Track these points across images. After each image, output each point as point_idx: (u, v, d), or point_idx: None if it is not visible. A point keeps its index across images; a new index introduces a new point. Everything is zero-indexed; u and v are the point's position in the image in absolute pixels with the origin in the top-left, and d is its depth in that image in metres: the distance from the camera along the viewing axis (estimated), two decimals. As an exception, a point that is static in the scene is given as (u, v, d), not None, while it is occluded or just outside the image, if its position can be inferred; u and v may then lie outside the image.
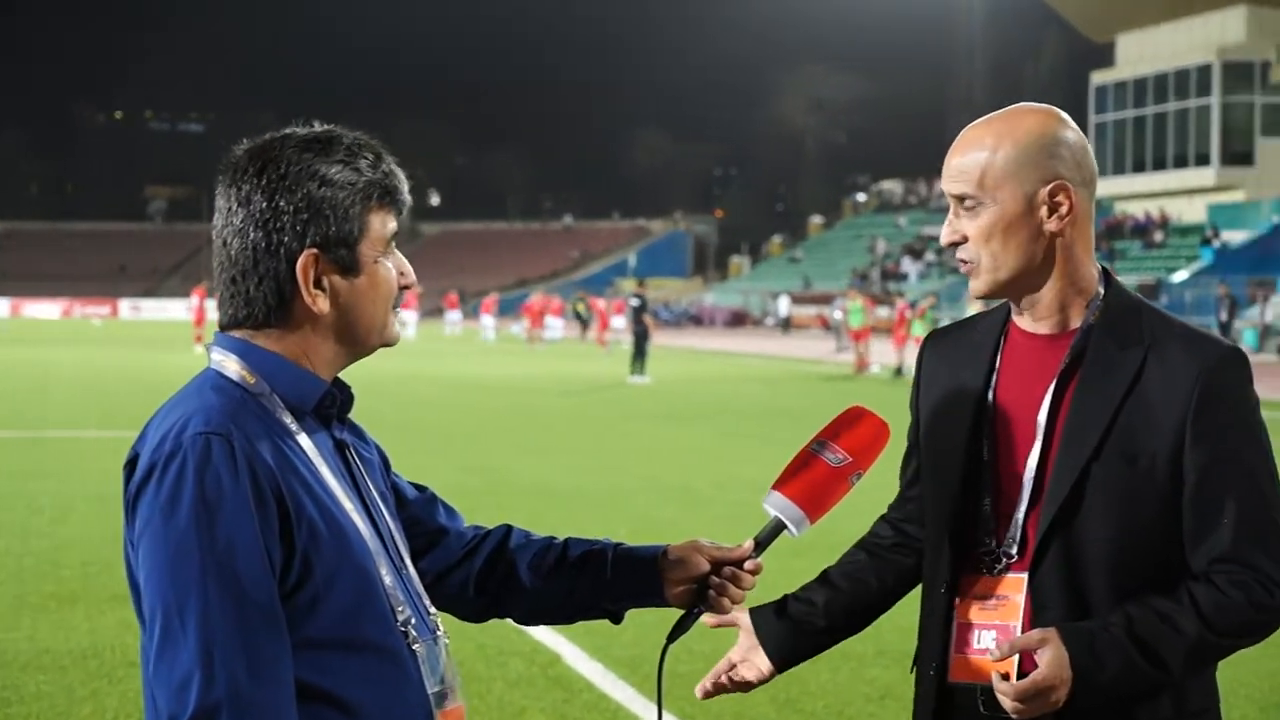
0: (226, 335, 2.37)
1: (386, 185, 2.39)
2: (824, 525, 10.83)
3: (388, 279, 2.39)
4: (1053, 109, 2.78)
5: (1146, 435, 2.64)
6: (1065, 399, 2.72)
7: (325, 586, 2.24)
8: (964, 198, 2.73)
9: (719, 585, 2.68)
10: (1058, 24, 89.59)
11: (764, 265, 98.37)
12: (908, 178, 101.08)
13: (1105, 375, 2.70)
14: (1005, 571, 2.74)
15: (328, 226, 2.31)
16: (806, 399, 28.42)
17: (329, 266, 2.32)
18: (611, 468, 16.73)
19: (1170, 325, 2.74)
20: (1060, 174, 2.71)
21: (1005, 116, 2.77)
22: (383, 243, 2.38)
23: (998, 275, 2.73)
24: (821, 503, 2.67)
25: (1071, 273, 2.75)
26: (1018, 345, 2.82)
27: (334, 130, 2.41)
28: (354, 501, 2.36)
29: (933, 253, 78.88)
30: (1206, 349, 2.68)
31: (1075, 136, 2.74)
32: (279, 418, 2.31)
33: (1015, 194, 2.69)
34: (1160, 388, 2.65)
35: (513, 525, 2.81)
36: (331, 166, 2.33)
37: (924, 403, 2.96)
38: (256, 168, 2.32)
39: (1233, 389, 2.67)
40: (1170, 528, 2.66)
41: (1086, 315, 2.76)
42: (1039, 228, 2.71)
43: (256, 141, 2.38)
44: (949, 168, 2.77)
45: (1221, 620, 2.60)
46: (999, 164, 2.70)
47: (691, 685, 7.50)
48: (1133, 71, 69.33)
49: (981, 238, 2.72)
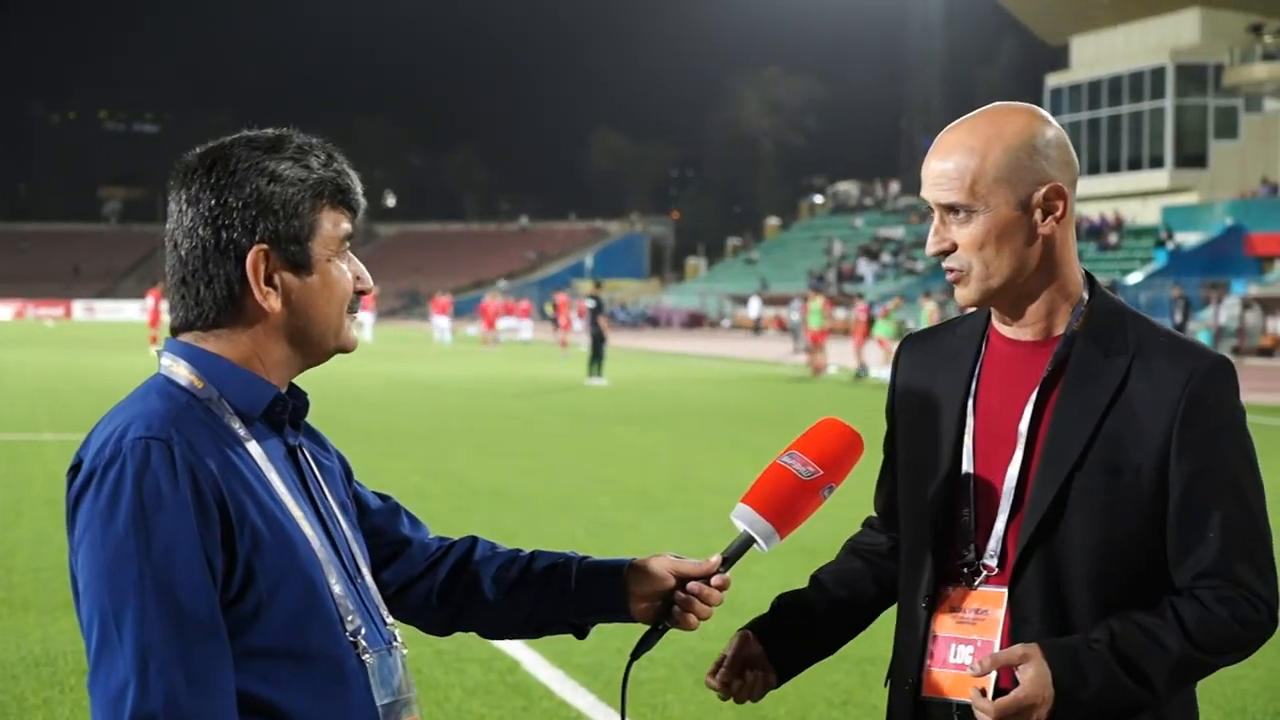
0: (176, 340, 2.33)
1: (338, 184, 2.35)
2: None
3: (341, 280, 2.35)
4: (1033, 107, 2.70)
5: (1131, 445, 2.58)
6: (1048, 407, 2.65)
7: (269, 595, 2.20)
8: (953, 206, 2.63)
9: (685, 601, 2.63)
10: (1013, 26, 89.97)
11: (721, 267, 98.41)
12: (864, 179, 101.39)
13: (1089, 383, 2.63)
14: (984, 584, 2.67)
15: (277, 222, 2.27)
16: (765, 401, 28.41)
17: (280, 263, 2.29)
18: (570, 470, 16.65)
19: (1156, 332, 2.67)
20: (1052, 175, 2.63)
21: (988, 118, 2.67)
22: (335, 243, 2.34)
23: (990, 283, 2.64)
24: (792, 517, 2.59)
25: (1059, 277, 2.68)
26: (999, 352, 2.75)
27: (286, 131, 2.38)
28: (305, 509, 2.31)
29: (889, 254, 79.09)
30: (1193, 358, 2.61)
31: (1059, 134, 2.67)
32: (227, 423, 2.27)
33: (1008, 199, 2.61)
34: (1145, 397, 2.59)
35: (478, 537, 2.76)
36: (281, 163, 2.30)
37: (901, 409, 2.88)
38: (206, 166, 2.30)
39: (1220, 399, 2.60)
40: (1153, 539, 2.59)
41: (1070, 321, 2.68)
42: (1033, 232, 2.63)
43: (208, 144, 2.36)
44: (932, 174, 2.66)
45: (1206, 637, 2.53)
46: (990, 169, 2.61)
47: (651, 692, 7.46)
48: (1087, 74, 69.70)
49: (973, 246, 2.63)
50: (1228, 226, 58.43)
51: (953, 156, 2.64)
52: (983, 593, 2.66)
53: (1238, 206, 59.99)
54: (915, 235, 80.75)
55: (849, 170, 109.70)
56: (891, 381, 2.94)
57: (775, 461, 2.62)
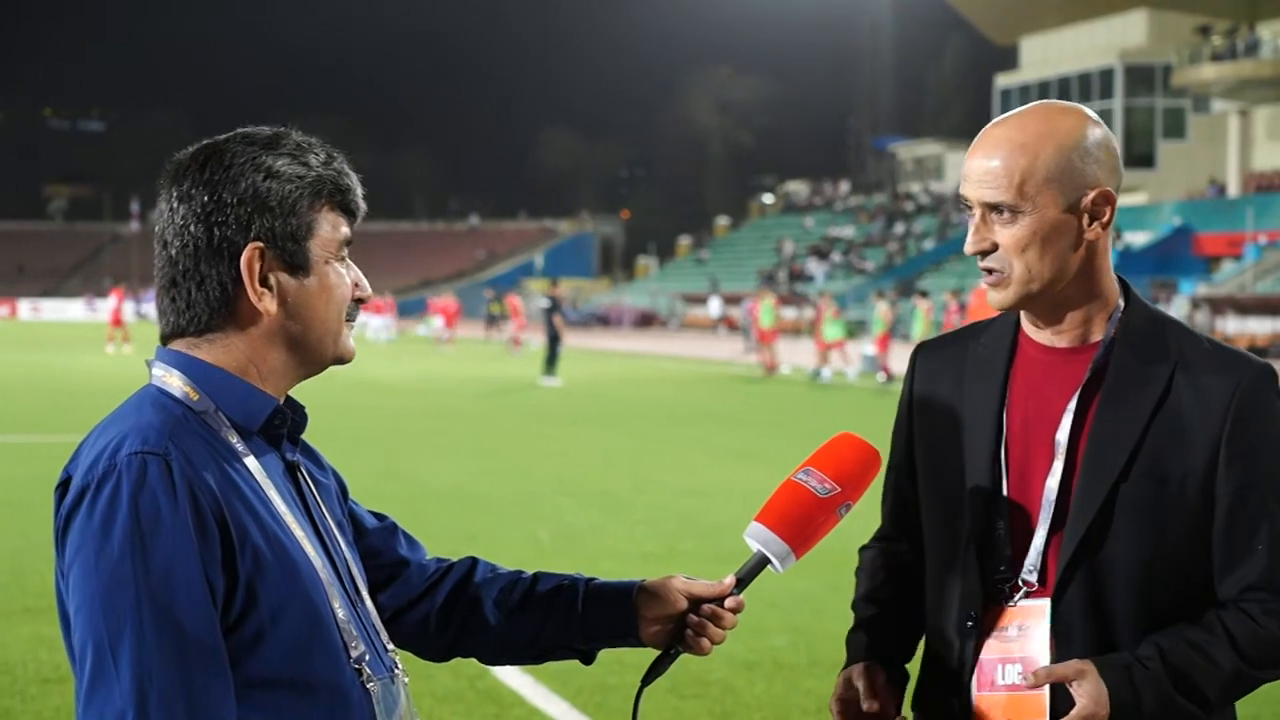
0: (167, 349, 2.21)
1: (338, 184, 2.24)
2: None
3: (340, 285, 2.24)
4: (1082, 107, 2.61)
5: (1177, 455, 2.51)
6: (1088, 417, 2.57)
7: (271, 620, 2.08)
8: (997, 205, 2.54)
9: (698, 624, 2.51)
10: (962, 26, 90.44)
11: (671, 266, 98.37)
12: (813, 179, 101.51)
13: (1131, 392, 2.55)
14: (1024, 599, 2.58)
15: (273, 219, 2.16)
16: (720, 400, 28.37)
17: (276, 263, 2.17)
18: (529, 472, 16.53)
19: (1198, 340, 2.62)
20: (1101, 179, 2.56)
21: (1038, 116, 2.58)
22: (334, 245, 2.24)
23: (1030, 287, 2.55)
24: (809, 536, 2.49)
25: (1097, 283, 2.61)
26: (1032, 359, 2.66)
27: (284, 128, 2.27)
28: (305, 529, 2.20)
29: (839, 254, 79.23)
30: (1239, 366, 2.55)
31: (1108, 136, 2.59)
32: (224, 437, 2.15)
33: (1057, 201, 2.52)
34: (1191, 406, 2.52)
35: (478, 558, 2.64)
36: (279, 159, 2.19)
37: (921, 420, 2.78)
38: (199, 162, 2.19)
39: (1267, 409, 2.54)
40: (1199, 551, 2.53)
41: (1108, 328, 2.61)
42: (1078, 237, 2.55)
43: (202, 142, 2.24)
44: (977, 171, 2.57)
45: (1256, 651, 2.48)
46: (1041, 169, 2.52)
47: (623, 698, 7.36)
48: (1036, 74, 70.15)
49: (1016, 247, 2.54)
50: (1176, 227, 58.80)
51: (1000, 153, 2.55)
52: (1024, 608, 2.58)
53: (1186, 207, 60.41)
54: (865, 235, 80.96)
55: (798, 169, 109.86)
56: (907, 391, 2.84)
57: (790, 479, 2.52)
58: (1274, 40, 57.82)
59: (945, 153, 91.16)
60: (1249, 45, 58.17)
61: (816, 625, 8.84)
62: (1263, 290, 48.75)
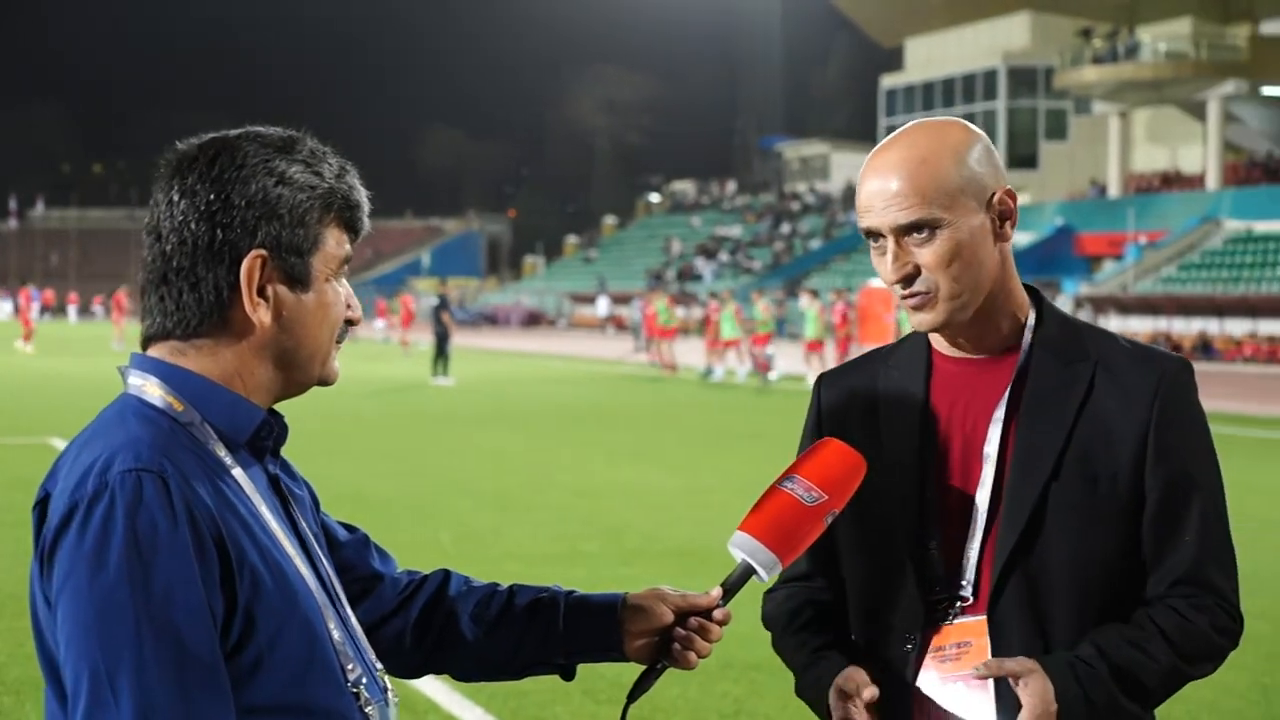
0: (146, 356, 2.09)
1: (349, 200, 2.15)
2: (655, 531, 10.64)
3: (336, 303, 2.15)
4: (957, 119, 2.59)
5: (1105, 454, 2.50)
6: (1013, 425, 2.54)
7: (269, 645, 1.97)
8: (913, 225, 2.46)
9: (685, 638, 2.44)
10: (848, 28, 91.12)
11: (559, 265, 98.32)
12: (700, 178, 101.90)
13: (1055, 395, 2.53)
14: (960, 615, 2.53)
15: (281, 228, 2.06)
16: (612, 400, 28.37)
17: (276, 274, 2.07)
18: (426, 473, 16.39)
19: (1115, 341, 2.61)
20: (1001, 181, 2.54)
21: (925, 131, 2.53)
22: (336, 263, 2.14)
23: (957, 301, 2.49)
24: (795, 544, 2.42)
25: (1010, 291, 2.58)
26: (950, 375, 2.62)
27: (298, 133, 2.17)
28: (294, 545, 2.10)
29: (726, 253, 79.56)
30: (1158, 362, 2.55)
31: (989, 143, 2.57)
32: (212, 450, 2.04)
33: (970, 206, 2.48)
34: (1115, 405, 2.51)
35: (451, 570, 2.55)
36: (293, 165, 2.09)
37: None
38: (208, 157, 2.07)
39: (1189, 403, 2.55)
40: (1131, 547, 2.51)
41: (1024, 335, 2.58)
42: (993, 241, 2.52)
43: (209, 135, 2.13)
44: (879, 198, 2.48)
45: (1188, 646, 2.47)
46: (949, 179, 2.46)
47: (539, 704, 7.26)
48: (921, 75, 70.84)
49: (941, 263, 2.47)
50: (1058, 227, 59.63)
51: (900, 173, 2.47)
52: (962, 625, 2.52)
53: (1067, 207, 61.27)
54: (752, 234, 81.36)
55: (686, 169, 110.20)
56: (813, 424, 2.76)
57: (775, 486, 2.46)
58: (1153, 43, 58.80)
59: (831, 153, 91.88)
60: (1129, 48, 59.11)
61: (729, 628, 8.79)
62: (1143, 290, 49.53)
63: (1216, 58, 57.60)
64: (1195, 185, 58.69)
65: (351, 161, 2.23)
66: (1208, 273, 48.92)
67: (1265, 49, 57.61)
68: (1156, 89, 59.09)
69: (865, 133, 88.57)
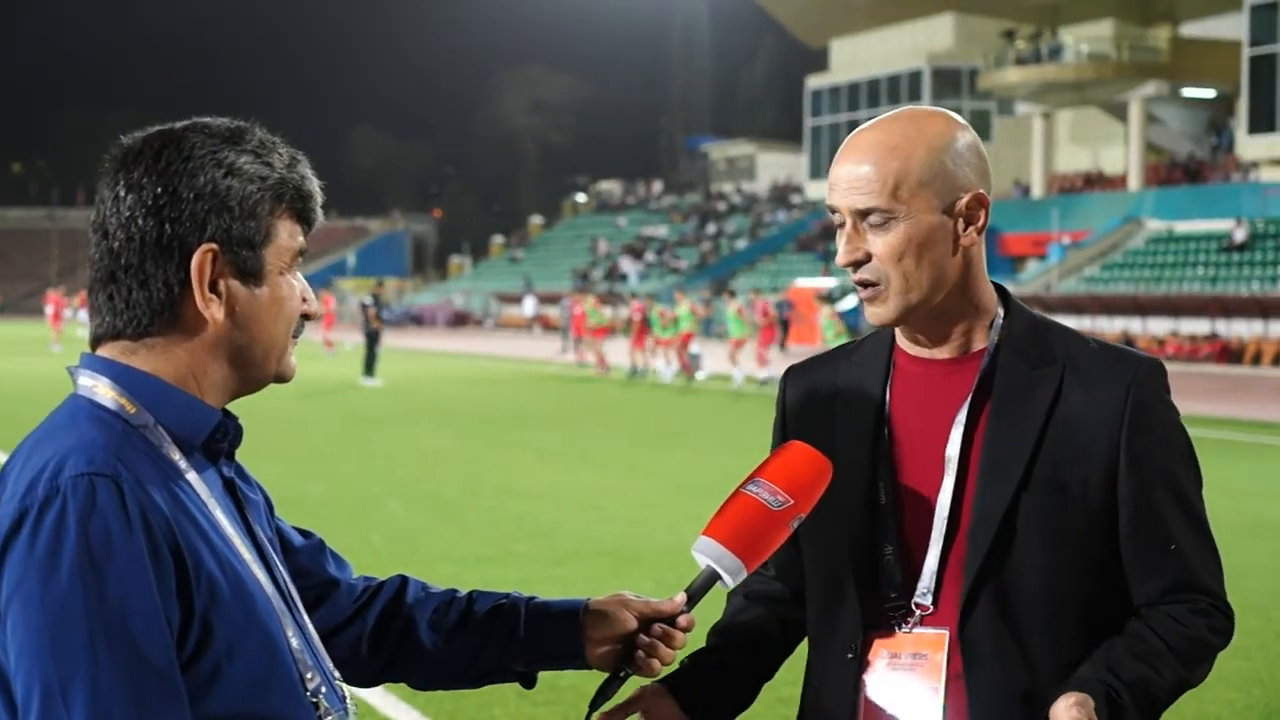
0: (95, 356, 2.03)
1: (301, 190, 2.10)
2: (587, 531, 10.61)
3: (291, 298, 2.09)
4: (949, 112, 2.52)
5: (1076, 460, 2.42)
6: (978, 428, 2.47)
7: (228, 654, 1.92)
8: (869, 211, 2.42)
9: (648, 645, 2.40)
10: (773, 28, 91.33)
11: (485, 265, 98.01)
12: (626, 178, 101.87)
13: (1021, 398, 2.46)
14: (918, 625, 2.46)
15: (231, 220, 2.00)
16: (541, 400, 28.31)
17: (228, 268, 2.01)
18: (357, 474, 16.30)
19: (1083, 342, 2.53)
20: (974, 182, 2.47)
21: (906, 120, 2.47)
22: (290, 256, 2.09)
23: (909, 297, 2.44)
24: (761, 550, 2.38)
25: (976, 291, 2.51)
26: (911, 374, 2.55)
27: (245, 123, 2.10)
28: (251, 551, 2.04)
29: (653, 253, 79.59)
30: (1128, 364, 2.48)
31: (977, 141, 2.51)
32: (166, 454, 1.98)
33: (931, 204, 2.42)
34: (1084, 408, 2.44)
35: (408, 576, 2.51)
36: (241, 156, 2.03)
37: None
38: (154, 150, 2.01)
39: (1161, 404, 2.49)
40: (1105, 556, 2.44)
41: (991, 335, 2.52)
42: (955, 242, 2.45)
43: (155, 128, 2.07)
44: (845, 179, 2.44)
45: (1193, 652, 2.41)
46: (914, 171, 2.41)
47: (476, 706, 7.25)
48: (846, 76, 71.10)
49: (892, 256, 2.42)
50: (982, 225, 59.90)
51: (869, 158, 2.43)
52: (918, 635, 2.46)
53: (992, 208, 61.50)
54: (679, 234, 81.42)
55: (612, 169, 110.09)
56: (779, 417, 2.72)
57: (740, 490, 2.41)
58: (1076, 45, 59.28)
59: (757, 153, 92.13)
60: (1052, 50, 59.57)
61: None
62: (1066, 290, 49.91)
63: (1138, 59, 58.14)
64: (1117, 186, 59.20)
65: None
66: (1130, 272, 49.36)
67: (1185, 50, 58.21)
68: (1079, 90, 59.60)
69: (791, 133, 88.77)
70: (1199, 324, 41.99)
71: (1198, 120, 62.00)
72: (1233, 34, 54.75)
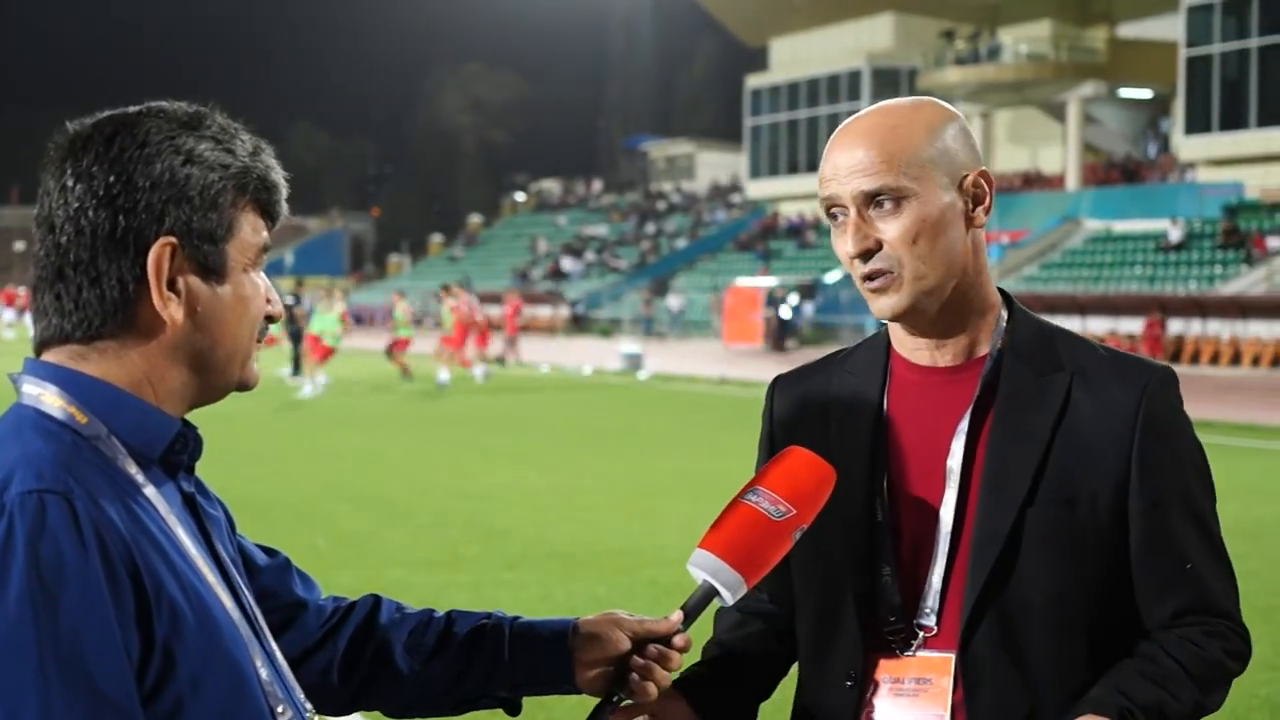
0: (41, 361, 1.84)
1: (265, 180, 1.93)
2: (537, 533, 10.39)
3: (255, 297, 1.92)
4: (936, 100, 2.39)
5: (1085, 473, 2.28)
6: (980, 439, 2.32)
7: (191, 687, 1.74)
8: (878, 193, 2.26)
9: (643, 667, 2.23)
10: (713, 28, 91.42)
11: (424, 264, 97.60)
12: (565, 177, 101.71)
13: (1028, 408, 2.31)
14: (921, 648, 2.32)
15: (191, 212, 1.83)
16: (488, 399, 28.11)
17: (188, 264, 1.83)
18: (299, 476, 16.05)
19: (1092, 348, 2.39)
20: (976, 161, 2.35)
21: (900, 105, 2.35)
22: (254, 251, 1.92)
23: (923, 284, 2.28)
24: (761, 563, 2.22)
25: (980, 289, 2.37)
26: (909, 382, 2.41)
27: (203, 107, 1.93)
28: (215, 573, 1.86)
29: (593, 252, 79.47)
30: (1140, 372, 2.34)
31: (967, 125, 2.37)
32: (121, 467, 1.80)
33: (940, 182, 2.28)
34: (1094, 419, 2.30)
35: (381, 596, 2.34)
36: (201, 142, 1.86)
37: None
38: (105, 136, 1.83)
39: (1175, 415, 2.35)
40: (1114, 574, 2.30)
41: (994, 340, 2.37)
42: (966, 224, 2.32)
43: (105, 113, 1.89)
44: (845, 165, 2.29)
45: (1209, 676, 2.28)
46: (921, 148, 2.27)
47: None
48: (786, 76, 71.19)
49: (906, 238, 2.26)
50: (922, 225, 60.14)
51: (869, 140, 2.28)
52: (922, 659, 2.31)
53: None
54: (618, 233, 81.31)
55: (551, 168, 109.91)
56: (766, 429, 2.57)
57: (739, 500, 2.25)
58: (1014, 45, 59.62)
59: (697, 152, 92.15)
60: (991, 50, 59.89)
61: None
62: (1006, 289, 50.10)
63: (1075, 60, 58.53)
64: (1055, 185, 59.53)
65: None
66: (1069, 272, 49.63)
67: (1123, 51, 58.65)
68: (1017, 90, 59.93)
69: (730, 133, 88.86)
70: (1137, 323, 42.20)
71: (1135, 121, 62.50)
72: (1169, 35, 55.19)
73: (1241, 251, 44.91)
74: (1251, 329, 39.71)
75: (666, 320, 60.54)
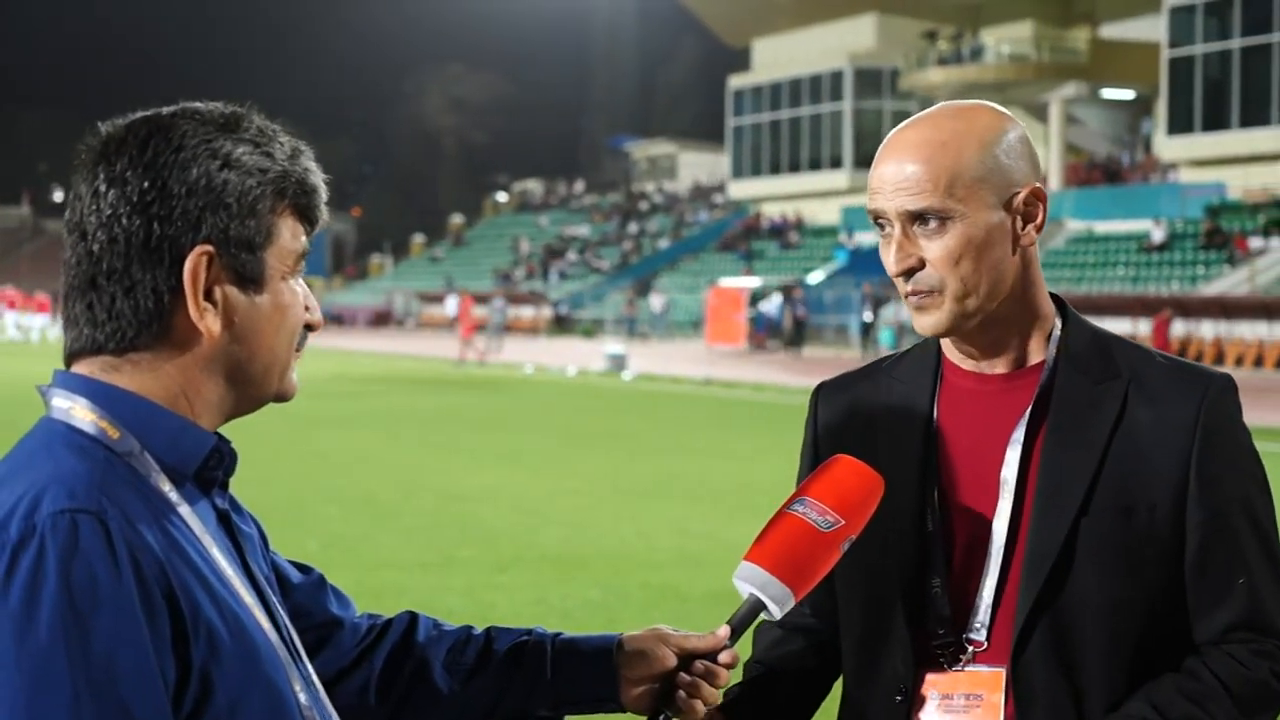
0: (72, 374, 1.78)
1: (304, 185, 1.86)
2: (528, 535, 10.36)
3: (295, 306, 1.85)
4: (994, 105, 2.33)
5: (1142, 483, 2.22)
6: (1035, 448, 2.27)
7: (229, 713, 1.68)
8: (922, 214, 2.22)
9: (690, 685, 2.16)
10: (696, 28, 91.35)
11: (406, 264, 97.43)
12: (548, 178, 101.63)
13: (1083, 416, 2.26)
14: (971, 663, 2.26)
15: (229, 219, 1.76)
16: (474, 400, 28.07)
17: (225, 273, 1.77)
18: (289, 478, 15.94)
19: (1149, 356, 2.33)
20: (1030, 177, 2.28)
21: (953, 114, 2.28)
22: (293, 258, 1.85)
23: (966, 304, 2.23)
24: (810, 576, 2.15)
25: (1034, 298, 2.32)
26: (961, 390, 2.35)
27: (240, 108, 1.87)
28: (251, 594, 1.79)
29: (575, 252, 79.43)
30: (1200, 380, 2.27)
31: (1025, 133, 2.31)
32: (155, 485, 1.73)
33: (989, 201, 2.22)
34: (1152, 427, 2.24)
35: (417, 613, 2.28)
36: (239, 146, 1.80)
37: None
38: (139, 139, 1.77)
39: (1235, 425, 2.29)
40: (1171, 587, 2.24)
41: (1049, 347, 2.32)
42: (1014, 242, 2.26)
43: (139, 114, 1.83)
44: (892, 179, 2.24)
45: (1252, 696, 2.21)
46: (969, 167, 2.21)
47: None
48: (768, 76, 71.25)
49: (949, 259, 2.21)
50: (904, 226, 60.16)
51: (918, 156, 2.22)
52: (972, 674, 2.26)
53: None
54: (600, 234, 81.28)
55: (533, 168, 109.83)
56: (810, 438, 2.52)
57: (784, 510, 2.19)
58: (996, 46, 59.70)
59: (679, 152, 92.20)
60: (973, 50, 59.98)
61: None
62: (989, 289, 50.23)
63: (1058, 60, 58.64)
64: (1038, 186, 59.69)
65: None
66: (1052, 272, 49.70)
67: (1104, 51, 58.74)
68: (1000, 91, 59.91)
69: (713, 133, 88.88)
70: (1120, 323, 42.24)
71: (1117, 121, 62.63)
72: (1151, 36, 55.30)
73: (1224, 252, 45.06)
74: (1236, 330, 39.82)
75: (649, 320, 60.52)
